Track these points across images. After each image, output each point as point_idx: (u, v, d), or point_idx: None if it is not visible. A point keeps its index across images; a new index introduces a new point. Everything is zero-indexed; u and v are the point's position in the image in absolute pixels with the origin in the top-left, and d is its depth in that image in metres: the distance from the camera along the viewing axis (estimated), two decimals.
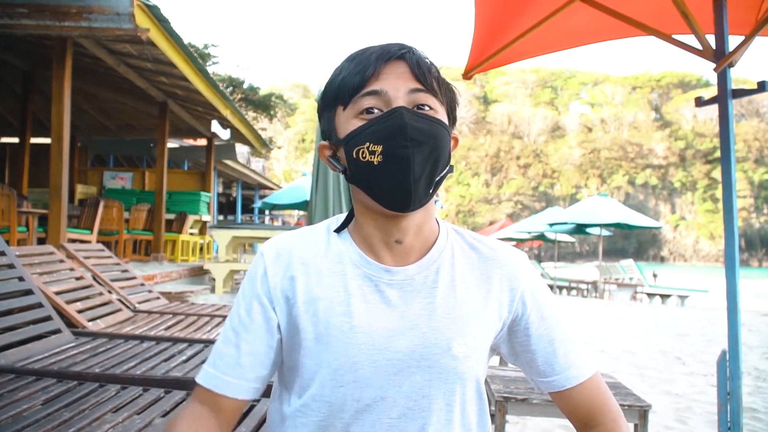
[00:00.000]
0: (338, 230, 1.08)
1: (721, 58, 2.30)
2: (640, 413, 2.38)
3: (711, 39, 2.35)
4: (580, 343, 1.11)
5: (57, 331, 3.24)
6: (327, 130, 1.05)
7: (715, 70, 2.30)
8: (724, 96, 2.31)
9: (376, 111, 0.96)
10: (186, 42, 7.45)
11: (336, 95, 1.00)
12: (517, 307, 1.08)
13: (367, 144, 0.94)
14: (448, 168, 1.01)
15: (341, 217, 1.11)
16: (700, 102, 2.54)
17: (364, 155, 0.95)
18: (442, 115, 1.00)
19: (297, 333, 1.02)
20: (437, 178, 0.98)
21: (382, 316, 1.01)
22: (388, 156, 0.93)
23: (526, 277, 1.10)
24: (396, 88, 0.96)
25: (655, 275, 22.33)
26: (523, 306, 1.08)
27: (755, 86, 2.34)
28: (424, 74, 0.97)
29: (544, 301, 1.10)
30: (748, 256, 76.17)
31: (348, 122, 0.98)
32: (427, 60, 1.00)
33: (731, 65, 2.30)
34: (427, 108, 0.97)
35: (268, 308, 1.03)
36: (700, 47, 2.36)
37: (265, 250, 1.07)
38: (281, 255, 1.05)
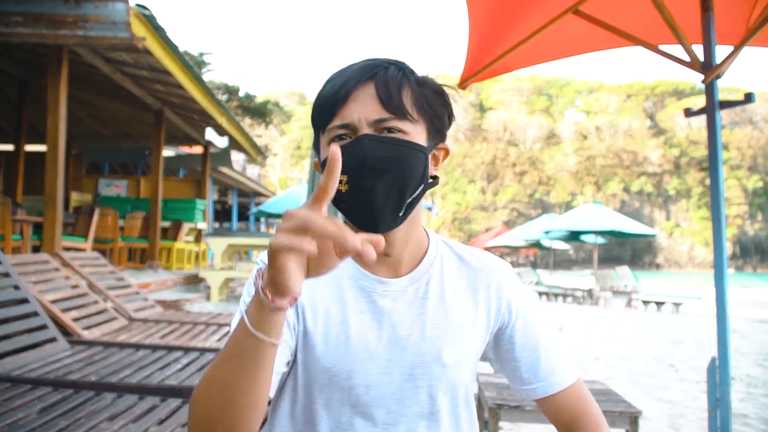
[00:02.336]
0: None
1: (709, 69, 2.33)
2: (630, 419, 2.41)
3: (698, 49, 2.39)
4: (561, 351, 1.15)
5: (53, 340, 3.25)
6: (316, 150, 1.07)
7: (703, 82, 2.34)
8: (712, 107, 2.35)
9: (346, 138, 0.97)
10: (181, 50, 7.48)
11: (316, 117, 1.03)
12: (504, 316, 1.11)
13: None
14: (423, 186, 1.00)
15: None
16: (688, 113, 2.58)
17: None
18: (415, 135, 0.99)
19: (303, 335, 1.04)
20: (409, 200, 0.99)
21: (376, 326, 1.05)
22: (352, 187, 0.95)
23: (512, 287, 1.14)
24: (360, 114, 0.97)
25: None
26: (509, 314, 1.12)
27: (742, 97, 2.38)
28: (391, 97, 0.97)
29: (528, 310, 1.14)
30: (742, 263, 76.49)
31: (324, 148, 1.01)
32: (397, 79, 0.99)
33: (718, 76, 2.34)
34: (395, 132, 0.97)
35: None
36: (688, 58, 2.39)
37: (267, 259, 1.07)
38: None
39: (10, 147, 11.05)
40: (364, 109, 0.96)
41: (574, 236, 18.64)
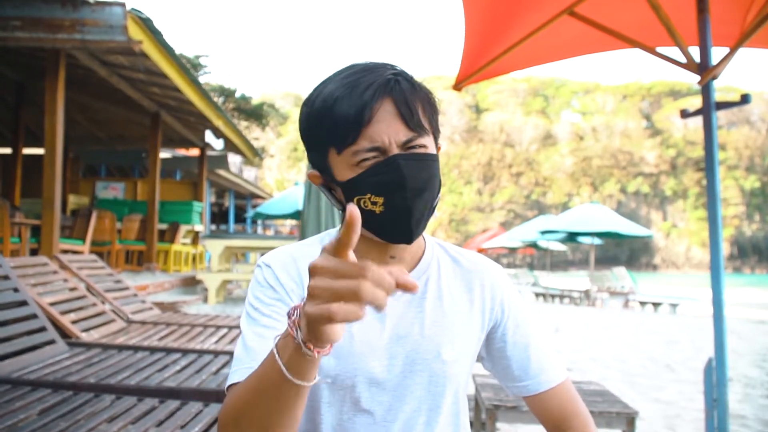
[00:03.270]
0: None
1: (705, 71, 2.35)
2: (627, 420, 2.42)
3: (694, 51, 2.41)
4: (551, 351, 1.19)
5: (51, 342, 3.26)
6: (318, 164, 1.05)
7: (699, 83, 2.36)
8: (708, 108, 2.36)
9: (371, 159, 0.96)
10: (178, 53, 7.48)
11: (327, 136, 0.99)
12: (497, 315, 1.15)
13: (369, 195, 0.96)
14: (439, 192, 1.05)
15: (332, 233, 1.16)
16: (684, 114, 2.60)
17: (365, 204, 0.97)
18: (430, 147, 1.01)
19: None
20: (434, 207, 1.03)
21: (378, 326, 1.06)
22: (390, 207, 0.96)
23: (504, 287, 1.18)
24: (389, 136, 0.96)
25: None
26: (502, 314, 1.15)
27: (739, 98, 2.40)
28: (412, 115, 0.97)
29: (519, 310, 1.18)
30: (740, 263, 76.69)
31: (345, 169, 0.98)
32: (411, 93, 0.99)
33: (714, 78, 2.35)
34: (418, 148, 0.98)
35: (286, 298, 1.04)
36: (684, 60, 2.41)
37: (269, 261, 1.08)
38: (286, 263, 1.08)
39: (8, 150, 11.05)
40: (390, 130, 0.96)
41: (570, 237, 18.68)
